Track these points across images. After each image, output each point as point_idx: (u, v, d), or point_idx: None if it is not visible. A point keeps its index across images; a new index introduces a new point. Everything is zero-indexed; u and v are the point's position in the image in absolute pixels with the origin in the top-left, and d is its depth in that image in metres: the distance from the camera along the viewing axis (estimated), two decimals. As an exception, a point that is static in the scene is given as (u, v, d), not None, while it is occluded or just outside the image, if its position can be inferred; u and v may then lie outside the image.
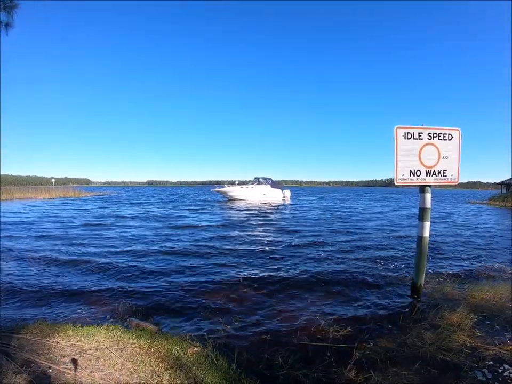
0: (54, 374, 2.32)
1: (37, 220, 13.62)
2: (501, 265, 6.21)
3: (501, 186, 35.74)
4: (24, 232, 10.07)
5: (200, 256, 6.85)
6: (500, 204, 29.83)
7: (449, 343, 2.83)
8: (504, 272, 5.68)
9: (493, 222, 14.72)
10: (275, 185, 31.93)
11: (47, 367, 2.42)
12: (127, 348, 2.77)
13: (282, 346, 2.99)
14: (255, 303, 4.23)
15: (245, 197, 29.44)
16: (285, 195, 32.42)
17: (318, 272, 5.58)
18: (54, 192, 40.14)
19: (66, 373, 2.36)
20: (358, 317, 3.73)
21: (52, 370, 2.38)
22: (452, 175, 4.12)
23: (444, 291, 4.39)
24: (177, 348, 2.72)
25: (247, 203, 26.44)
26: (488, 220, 15.78)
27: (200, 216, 16.03)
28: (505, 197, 31.10)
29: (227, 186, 30.90)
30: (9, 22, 3.90)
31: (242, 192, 29.66)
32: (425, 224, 4.07)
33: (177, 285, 4.93)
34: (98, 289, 4.75)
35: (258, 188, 30.33)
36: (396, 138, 3.87)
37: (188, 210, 19.85)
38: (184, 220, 14.41)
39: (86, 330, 3.07)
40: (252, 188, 30.16)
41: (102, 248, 7.64)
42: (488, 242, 8.94)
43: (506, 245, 8.54)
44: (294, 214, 17.52)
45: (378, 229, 11.51)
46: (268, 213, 17.80)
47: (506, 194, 32.70)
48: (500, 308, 3.74)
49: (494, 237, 9.98)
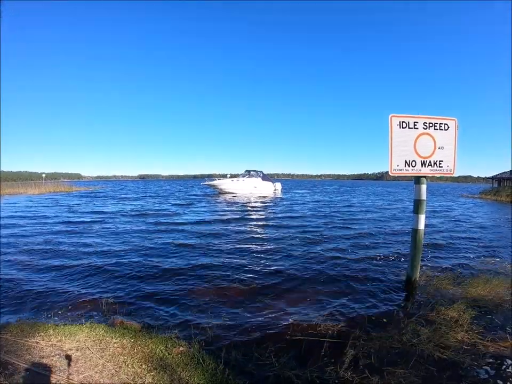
0: (32, 377, 2.21)
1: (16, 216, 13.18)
2: (498, 259, 6.14)
3: (493, 180, 35.90)
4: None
5: (183, 256, 6.34)
6: (491, 198, 29.84)
7: (447, 340, 2.73)
8: (501, 267, 5.59)
9: (487, 217, 14.74)
10: (266, 178, 31.61)
11: (24, 369, 2.28)
12: (109, 347, 2.65)
13: (274, 343, 2.87)
14: (245, 300, 4.06)
15: (235, 190, 28.94)
16: (276, 188, 32.10)
17: (310, 268, 5.44)
18: (43, 187, 39.48)
19: (43, 375, 2.26)
20: (352, 312, 3.62)
21: (29, 373, 2.27)
22: (448, 166, 4.01)
23: (439, 286, 4.30)
24: (161, 348, 2.58)
25: (238, 196, 26.00)
26: (483, 214, 15.83)
27: (186, 212, 15.06)
28: (497, 191, 31.16)
29: (217, 179, 30.30)
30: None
31: (233, 185, 29.15)
32: (420, 216, 3.97)
33: (161, 281, 4.78)
34: (80, 288, 4.56)
35: (249, 180, 29.85)
36: (391, 127, 3.74)
37: (175, 206, 18.53)
38: (169, 217, 13.21)
39: (67, 330, 2.95)
40: (242, 181, 29.66)
41: (78, 247, 7.16)
42: (484, 237, 8.89)
43: (503, 240, 8.48)
44: (284, 207, 17.21)
45: (372, 222, 11.42)
46: (257, 207, 17.36)
47: (498, 188, 32.83)
48: (497, 303, 3.66)
49: (490, 232, 9.92)
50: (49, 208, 17.40)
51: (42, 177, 60.61)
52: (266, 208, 16.92)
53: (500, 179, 34.41)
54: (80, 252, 6.77)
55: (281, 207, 17.62)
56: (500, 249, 7.17)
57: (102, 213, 14.56)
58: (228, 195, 27.50)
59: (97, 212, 15.12)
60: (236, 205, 18.49)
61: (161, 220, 12.09)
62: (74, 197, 28.51)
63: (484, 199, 30.22)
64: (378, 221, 12.05)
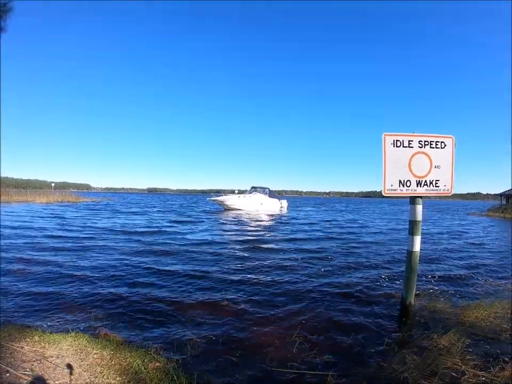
0: (10, 379, 2.28)
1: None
2: (499, 281, 5.89)
3: (501, 197, 35.08)
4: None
5: (174, 290, 5.15)
6: (499, 215, 29.08)
7: (435, 367, 2.58)
8: (502, 288, 5.37)
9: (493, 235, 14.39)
10: (272, 195, 31.51)
11: (5, 371, 2.36)
12: (89, 357, 2.68)
13: (250, 369, 2.73)
14: (230, 319, 3.92)
15: (241, 207, 28.51)
16: (282, 205, 31.98)
17: (299, 290, 5.22)
18: (52, 196, 40.14)
19: (22, 378, 2.29)
20: (339, 339, 3.42)
21: (9, 374, 2.32)
22: (444, 185, 3.90)
23: (435, 309, 4.12)
24: (138, 362, 2.55)
25: (243, 213, 25.42)
26: (487, 233, 15.42)
27: (186, 230, 13.47)
28: (505, 208, 30.35)
29: (224, 195, 29.92)
30: (2, 27, 3.84)
31: (239, 202, 28.71)
32: (415, 238, 3.82)
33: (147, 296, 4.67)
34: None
35: (256, 197, 29.59)
36: (384, 146, 3.70)
37: (176, 223, 16.91)
38: (164, 235, 11.81)
39: (52, 337, 3.01)
40: (249, 197, 29.33)
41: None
42: (485, 256, 8.64)
43: (505, 259, 8.21)
44: (291, 227, 15.78)
45: (375, 243, 11.01)
46: (262, 226, 15.97)
47: (506, 205, 31.96)
48: (495, 328, 3.47)
49: (492, 251, 9.61)
50: (42, 219, 16.64)
51: (52, 186, 61.63)
52: (272, 229, 15.01)
53: (508, 196, 33.56)
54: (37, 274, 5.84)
55: (288, 226, 16.23)
56: (503, 270, 6.91)
57: (94, 228, 13.27)
58: (233, 211, 26.99)
59: (89, 226, 13.83)
60: (240, 224, 17.00)
61: (150, 239, 10.49)
62: (77, 208, 28.38)
63: (491, 216, 29.61)
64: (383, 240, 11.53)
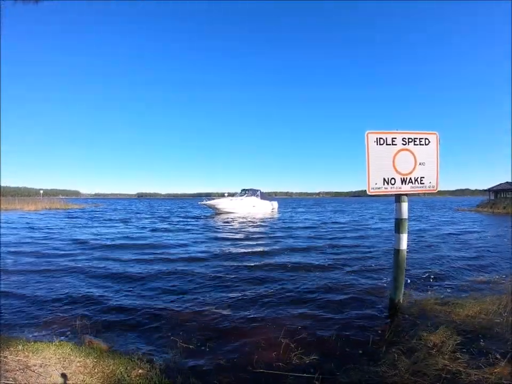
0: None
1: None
2: (489, 276, 5.82)
3: (489, 192, 35.15)
4: None
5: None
6: (488, 210, 29.10)
7: (426, 368, 2.54)
8: (492, 284, 5.29)
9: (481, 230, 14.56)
10: (264, 197, 31.44)
11: None
12: (72, 366, 2.63)
13: (235, 373, 2.68)
14: (217, 322, 3.86)
15: (233, 210, 28.04)
16: (273, 207, 31.98)
17: (284, 290, 5.16)
18: (40, 203, 39.43)
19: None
20: (326, 340, 3.36)
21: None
22: (430, 182, 3.92)
23: (424, 307, 4.06)
24: (121, 369, 2.49)
25: (236, 216, 24.50)
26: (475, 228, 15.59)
27: (173, 239, 11.84)
28: (493, 204, 30.58)
29: (215, 199, 29.50)
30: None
31: (231, 205, 28.27)
32: (402, 236, 3.83)
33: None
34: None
35: (248, 200, 29.25)
36: (367, 144, 3.70)
37: (161, 231, 14.99)
38: (133, 249, 9.61)
39: (35, 346, 2.96)
40: (241, 200, 28.95)
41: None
42: (474, 251, 8.71)
43: (496, 254, 8.21)
44: (285, 233, 14.08)
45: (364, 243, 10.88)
46: (258, 232, 14.37)
47: (495, 200, 32.26)
48: (486, 325, 3.41)
49: (481, 246, 9.67)
50: (16, 229, 14.90)
51: (40, 193, 60.73)
52: (268, 234, 13.67)
53: (497, 191, 33.86)
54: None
55: (283, 232, 14.31)
56: (494, 265, 6.90)
57: (60, 240, 11.46)
58: (225, 215, 26.16)
59: (54, 238, 11.91)
60: (234, 230, 15.34)
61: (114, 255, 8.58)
62: (56, 215, 26.88)
63: (480, 212, 29.53)
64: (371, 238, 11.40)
